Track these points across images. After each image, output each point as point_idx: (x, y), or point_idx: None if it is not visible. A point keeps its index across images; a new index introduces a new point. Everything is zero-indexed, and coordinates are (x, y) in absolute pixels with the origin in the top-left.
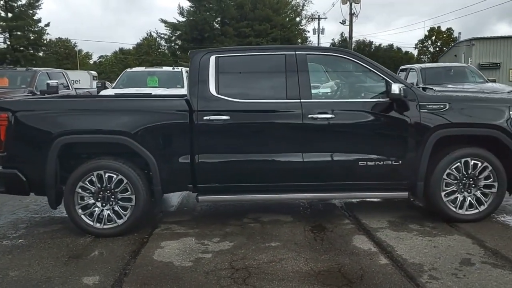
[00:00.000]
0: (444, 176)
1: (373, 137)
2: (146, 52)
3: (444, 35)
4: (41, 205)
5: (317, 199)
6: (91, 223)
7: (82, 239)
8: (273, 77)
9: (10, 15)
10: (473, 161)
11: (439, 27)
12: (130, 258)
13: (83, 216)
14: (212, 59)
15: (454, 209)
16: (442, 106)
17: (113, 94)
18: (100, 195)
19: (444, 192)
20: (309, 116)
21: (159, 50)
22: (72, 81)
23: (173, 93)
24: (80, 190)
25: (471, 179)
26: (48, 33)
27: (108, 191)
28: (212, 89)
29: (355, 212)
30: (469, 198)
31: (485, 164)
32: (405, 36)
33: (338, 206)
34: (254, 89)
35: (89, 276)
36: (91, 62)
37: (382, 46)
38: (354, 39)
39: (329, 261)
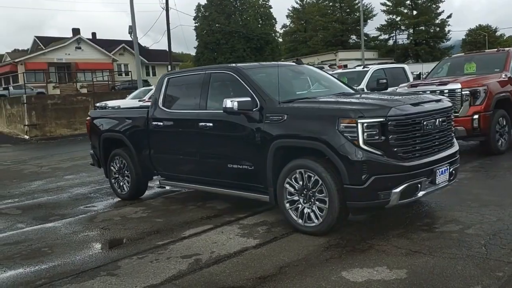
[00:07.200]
0: (286, 185)
1: (234, 144)
2: None
3: None
4: None
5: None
6: None
7: None
8: (194, 92)
9: (414, 12)
10: (307, 173)
11: None
12: None
13: None
14: (166, 79)
15: (295, 218)
16: (280, 117)
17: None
18: None
19: (286, 201)
20: (200, 124)
21: None
22: None
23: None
24: None
25: (310, 191)
26: (449, 24)
27: None
28: (160, 102)
29: (263, 212)
30: (308, 210)
31: (316, 177)
32: None
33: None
34: (181, 102)
35: None
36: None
37: None
38: None
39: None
